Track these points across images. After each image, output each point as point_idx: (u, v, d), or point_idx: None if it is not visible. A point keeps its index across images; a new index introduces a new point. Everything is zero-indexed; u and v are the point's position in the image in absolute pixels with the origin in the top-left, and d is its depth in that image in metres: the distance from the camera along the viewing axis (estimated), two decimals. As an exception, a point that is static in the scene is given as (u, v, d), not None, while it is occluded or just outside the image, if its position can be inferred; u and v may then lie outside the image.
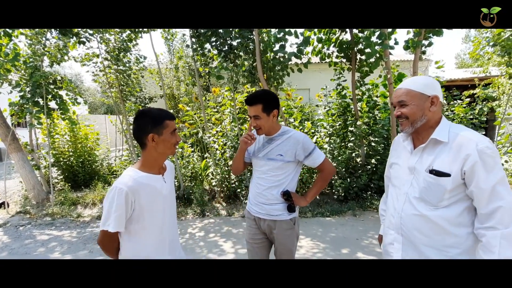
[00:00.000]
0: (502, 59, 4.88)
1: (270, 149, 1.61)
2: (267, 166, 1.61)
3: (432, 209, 1.07)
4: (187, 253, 3.10)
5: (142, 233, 1.18)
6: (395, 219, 1.19)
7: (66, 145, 5.98)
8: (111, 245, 1.19)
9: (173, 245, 1.31)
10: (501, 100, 6.66)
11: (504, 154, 5.17)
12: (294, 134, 1.61)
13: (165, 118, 1.19)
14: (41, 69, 4.66)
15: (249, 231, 1.74)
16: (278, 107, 1.60)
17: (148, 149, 1.19)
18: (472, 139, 1.01)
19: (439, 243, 1.07)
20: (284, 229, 1.61)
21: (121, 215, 1.10)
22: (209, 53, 4.73)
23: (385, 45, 3.31)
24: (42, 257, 3.14)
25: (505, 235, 0.94)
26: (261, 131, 1.59)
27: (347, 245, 3.15)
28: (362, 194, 4.35)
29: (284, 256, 1.65)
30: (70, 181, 5.60)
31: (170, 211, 1.29)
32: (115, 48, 5.21)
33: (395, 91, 1.18)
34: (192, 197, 4.57)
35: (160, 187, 1.22)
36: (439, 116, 1.13)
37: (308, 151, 1.58)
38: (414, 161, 1.14)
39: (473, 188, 0.99)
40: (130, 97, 5.94)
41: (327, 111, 5.06)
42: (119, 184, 1.11)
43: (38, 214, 4.49)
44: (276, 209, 1.60)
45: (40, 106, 4.64)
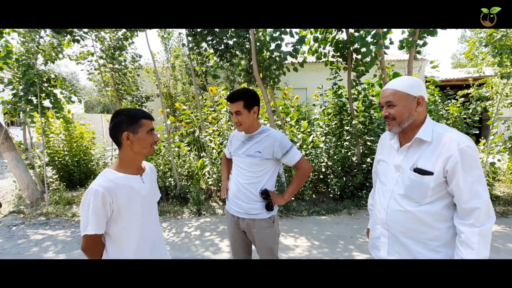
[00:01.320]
0: (495, 60, 4.94)
1: (250, 146, 1.67)
2: (246, 162, 1.67)
3: (415, 205, 1.12)
4: (183, 251, 3.10)
5: (122, 234, 1.16)
6: (381, 215, 1.24)
7: (61, 144, 5.92)
8: (96, 251, 1.16)
9: (155, 245, 1.29)
10: (494, 100, 6.74)
11: (497, 153, 5.24)
12: (273, 132, 1.67)
13: (141, 117, 1.18)
14: (34, 67, 4.61)
15: (229, 229, 1.78)
16: (258, 105, 1.67)
17: (123, 148, 1.18)
18: (454, 138, 1.05)
19: (422, 237, 1.12)
20: (264, 227, 1.65)
21: (99, 216, 1.08)
22: (206, 52, 4.72)
23: (379, 44, 3.33)
24: (36, 257, 3.12)
25: (482, 232, 1.01)
26: (242, 127, 1.65)
27: (342, 243, 3.17)
28: (358, 193, 4.38)
29: (265, 255, 1.68)
30: (65, 181, 5.55)
31: (150, 212, 1.27)
32: (110, 47, 5.18)
33: (382, 91, 1.20)
34: (189, 196, 4.56)
35: (138, 187, 1.20)
36: (424, 116, 1.16)
37: (285, 149, 1.64)
38: (400, 159, 1.18)
39: (453, 186, 1.05)
40: (126, 96, 5.91)
41: (323, 110, 5.08)
42: (95, 185, 1.09)
43: (32, 214, 4.44)
44: (254, 208, 1.64)
45: (34, 105, 4.59)
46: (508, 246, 2.99)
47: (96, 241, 1.13)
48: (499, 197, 4.25)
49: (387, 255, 1.22)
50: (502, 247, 2.97)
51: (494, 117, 4.39)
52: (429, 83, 4.74)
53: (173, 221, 4.07)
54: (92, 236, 1.10)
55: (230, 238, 1.80)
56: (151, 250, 1.26)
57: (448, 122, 4.52)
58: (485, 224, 1.02)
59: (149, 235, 1.25)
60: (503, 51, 3.77)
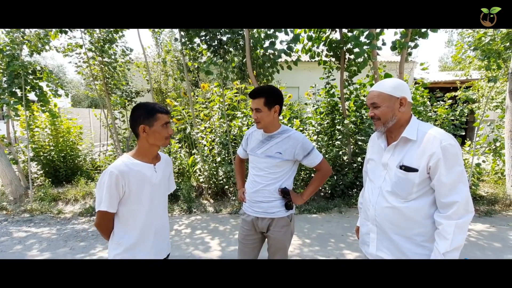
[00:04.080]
0: (482, 63, 5.08)
1: (269, 147, 1.62)
2: (265, 163, 1.62)
3: (402, 201, 1.17)
4: (173, 249, 3.06)
5: (129, 216, 1.25)
6: (370, 211, 1.29)
7: (47, 138, 5.72)
8: (106, 227, 1.27)
9: (160, 233, 1.36)
10: (480, 103, 6.95)
11: (482, 154, 5.41)
12: (294, 133, 1.63)
13: (157, 111, 1.26)
14: (19, 58, 4.43)
15: (243, 231, 1.73)
16: (281, 104, 1.61)
17: (140, 139, 1.28)
18: (437, 136, 1.10)
19: (409, 232, 1.17)
20: (281, 226, 1.63)
21: (112, 196, 1.19)
22: (198, 48, 4.65)
23: (373, 45, 3.36)
24: (19, 255, 3.01)
25: (459, 225, 1.06)
26: (260, 124, 1.60)
27: (333, 241, 3.20)
28: (348, 192, 4.43)
29: (279, 252, 1.66)
30: (51, 177, 5.38)
31: (159, 200, 1.35)
32: (99, 39, 5.02)
33: (368, 93, 1.26)
34: (179, 193, 4.50)
35: (150, 175, 1.29)
36: (409, 116, 1.22)
37: (307, 151, 1.60)
38: (387, 157, 1.23)
39: (435, 182, 1.10)
40: (115, 90, 5.75)
41: (316, 109, 5.11)
42: (112, 167, 1.20)
43: (16, 211, 4.29)
44: (273, 206, 1.62)
45: (18, 97, 4.41)
46: (493, 244, 3.09)
47: (107, 218, 1.24)
48: (483, 197, 4.39)
49: (376, 251, 1.26)
50: (487, 245, 3.07)
51: (480, 119, 4.52)
52: (419, 85, 4.83)
53: (163, 218, 4.01)
54: (104, 213, 1.21)
55: (242, 240, 1.73)
56: (155, 236, 1.33)
57: (436, 123, 4.63)
58: (462, 218, 1.07)
59: (155, 221, 1.33)
60: (491, 55, 3.87)
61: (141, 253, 1.28)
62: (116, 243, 1.27)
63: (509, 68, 4.45)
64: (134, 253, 1.26)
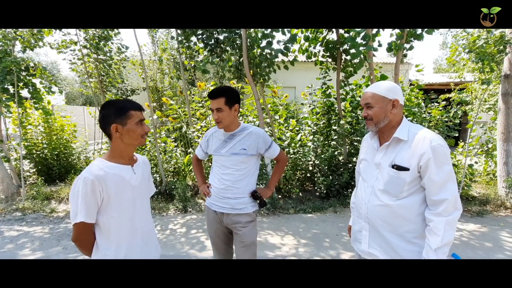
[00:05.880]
0: (476, 66, 5.15)
1: (233, 145, 1.69)
2: (231, 161, 1.68)
3: (394, 199, 1.21)
4: (168, 249, 3.05)
5: (111, 224, 1.14)
6: (362, 210, 1.32)
7: (40, 136, 5.64)
8: (86, 240, 1.14)
9: (147, 236, 1.28)
10: (473, 105, 7.05)
11: (475, 155, 5.49)
12: (255, 129, 1.72)
13: (130, 109, 1.16)
14: (12, 54, 4.36)
15: (211, 226, 1.80)
16: (239, 103, 1.69)
17: (114, 140, 1.18)
18: (427, 137, 1.15)
19: (400, 230, 1.21)
20: (247, 221, 1.70)
21: (89, 204, 1.06)
22: (195, 46, 4.62)
23: (369, 46, 3.38)
24: (10, 254, 2.96)
25: (449, 221, 1.10)
26: (222, 124, 1.66)
27: (328, 241, 3.22)
28: (343, 192, 4.46)
29: (248, 249, 1.70)
30: (44, 175, 5.30)
31: (141, 202, 1.26)
32: (95, 36, 4.96)
33: (363, 94, 1.30)
34: (174, 192, 4.47)
35: (128, 177, 1.19)
36: (401, 117, 1.27)
37: (268, 144, 1.72)
38: (380, 157, 1.27)
39: (426, 180, 1.14)
40: (110, 88, 5.69)
41: (312, 109, 5.12)
42: (85, 173, 1.08)
43: (7, 209, 4.22)
44: (240, 203, 1.69)
45: (11, 94, 4.33)
46: (484, 244, 3.14)
47: (86, 230, 1.11)
48: (475, 198, 4.45)
49: (368, 248, 1.30)
50: (478, 245, 3.12)
51: (473, 121, 4.58)
52: (414, 86, 4.88)
53: (158, 217, 3.98)
54: (82, 224, 1.07)
55: (211, 234, 1.82)
56: (143, 242, 1.25)
57: (431, 125, 4.68)
58: (452, 214, 1.11)
59: (140, 227, 1.24)
60: (485, 57, 3.92)
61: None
62: (102, 256, 1.14)
63: (502, 71, 4.52)
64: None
